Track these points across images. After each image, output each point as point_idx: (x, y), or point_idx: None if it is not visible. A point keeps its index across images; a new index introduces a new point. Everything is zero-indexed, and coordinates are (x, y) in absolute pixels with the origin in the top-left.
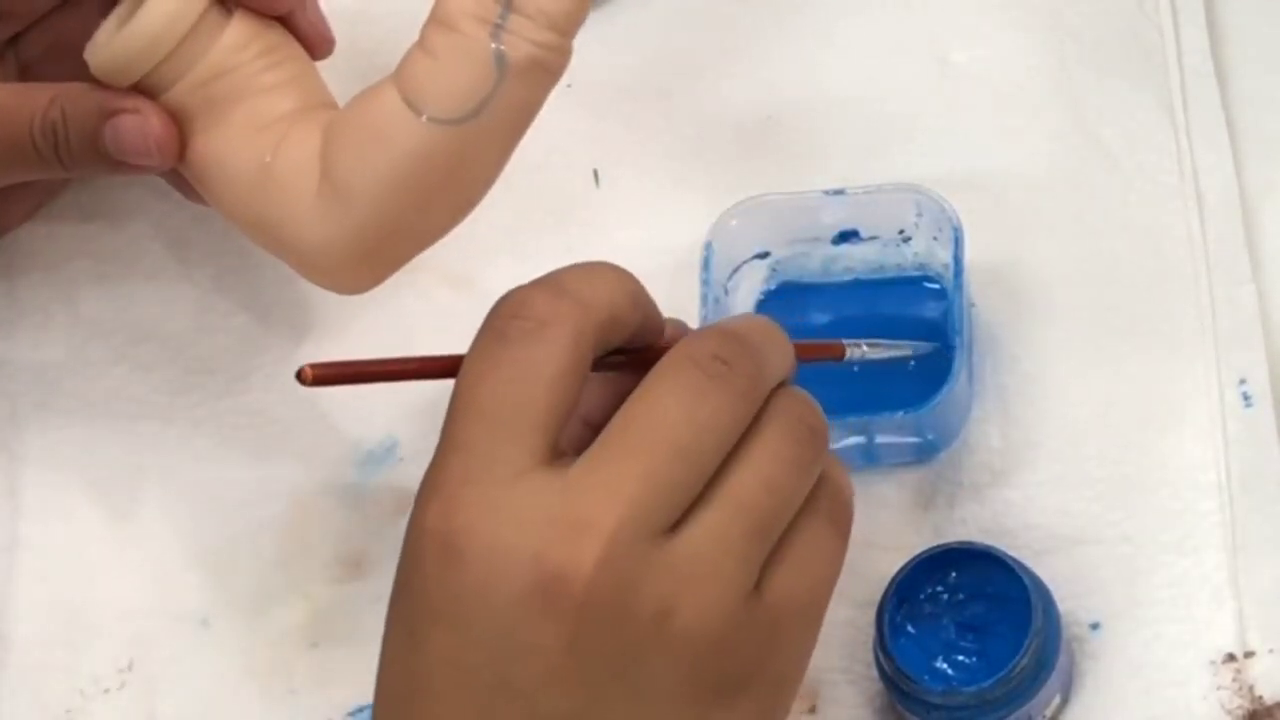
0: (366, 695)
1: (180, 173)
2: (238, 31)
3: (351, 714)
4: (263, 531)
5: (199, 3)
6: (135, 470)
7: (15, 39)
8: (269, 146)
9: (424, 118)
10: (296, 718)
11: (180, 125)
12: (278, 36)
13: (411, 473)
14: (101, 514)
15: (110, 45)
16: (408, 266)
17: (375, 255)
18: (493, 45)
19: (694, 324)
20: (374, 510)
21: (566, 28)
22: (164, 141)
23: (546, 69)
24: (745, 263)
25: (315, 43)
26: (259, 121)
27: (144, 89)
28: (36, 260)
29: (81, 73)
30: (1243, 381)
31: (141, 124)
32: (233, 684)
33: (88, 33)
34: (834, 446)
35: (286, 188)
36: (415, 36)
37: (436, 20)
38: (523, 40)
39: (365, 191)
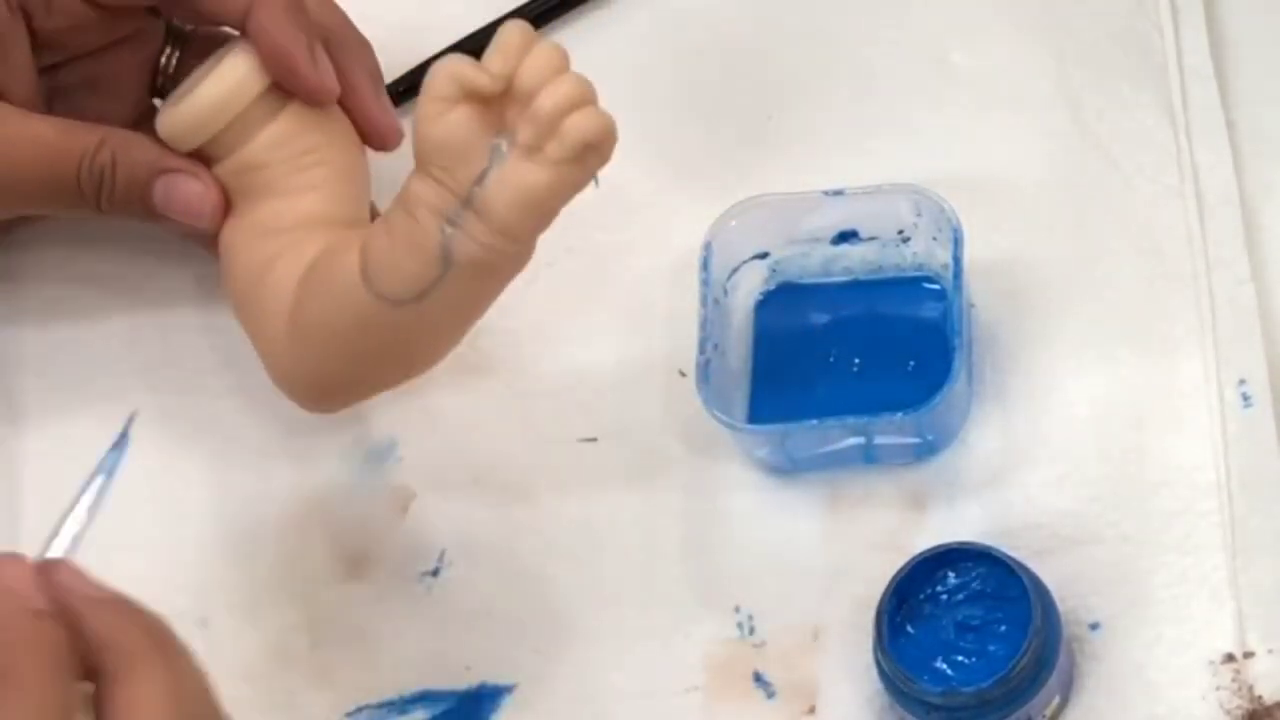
0: (366, 695)
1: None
2: (284, 125)
3: (351, 714)
4: (263, 531)
5: (255, 85)
6: (134, 470)
7: (55, 67)
8: (270, 256)
9: (371, 292)
10: (296, 718)
11: None
12: (323, 137)
13: (411, 473)
14: (101, 514)
15: (172, 111)
16: None
17: (330, 393)
18: (441, 239)
19: (693, 324)
20: (374, 510)
21: (519, 235)
22: (218, 208)
23: (493, 271)
24: (744, 263)
25: (376, 134)
26: (272, 225)
27: (197, 158)
28: (36, 258)
29: (108, 111)
30: (1242, 381)
31: (202, 188)
32: (232, 684)
33: (124, 73)
34: (834, 447)
35: (267, 308)
36: (415, 39)
37: (401, 200)
38: (471, 240)
39: (319, 343)
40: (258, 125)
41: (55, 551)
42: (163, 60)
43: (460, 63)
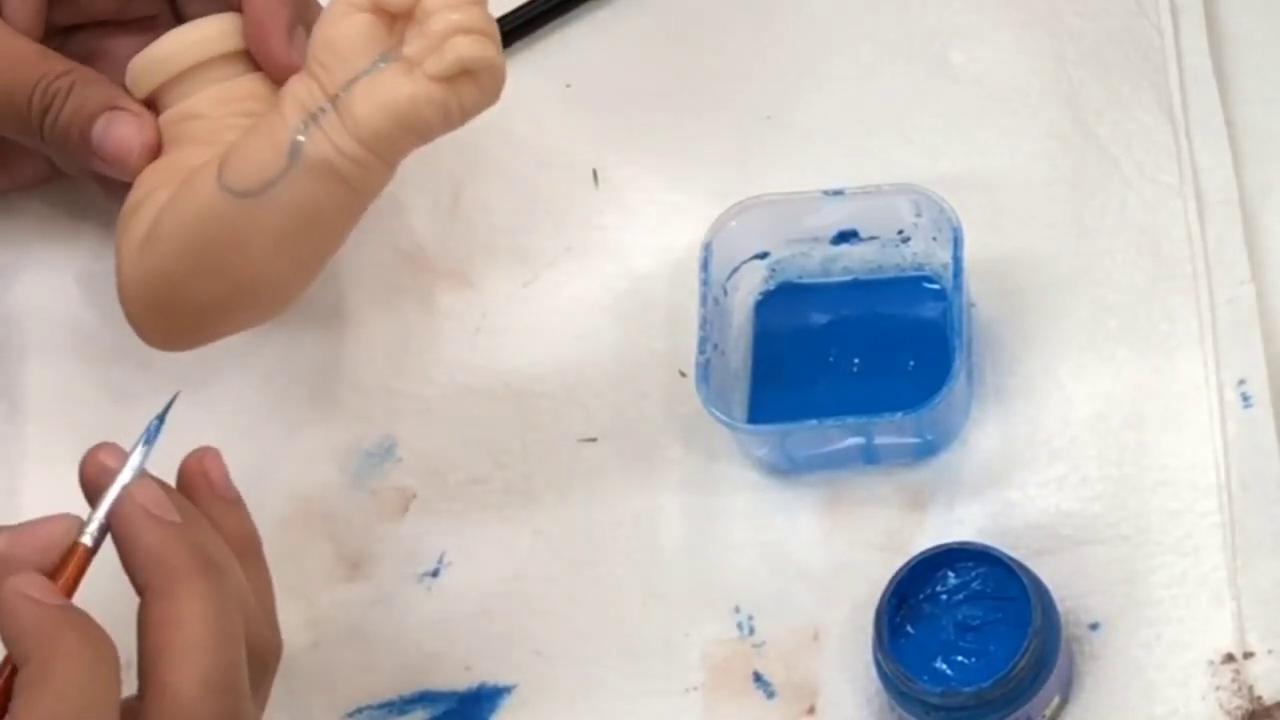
0: (366, 695)
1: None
2: (237, 88)
3: (351, 714)
4: (263, 531)
5: (219, 45)
6: None
7: (64, 34)
8: (156, 186)
9: (220, 184)
10: (296, 718)
11: None
12: (266, 105)
13: (411, 473)
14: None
15: (137, 56)
16: (408, 267)
17: (163, 306)
18: (294, 133)
19: (693, 324)
20: (374, 510)
21: (376, 146)
22: (144, 152)
23: (342, 178)
24: (744, 263)
25: (279, 71)
26: (181, 165)
27: (149, 105)
28: (37, 258)
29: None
30: (1242, 382)
31: (139, 127)
32: None
33: (127, 56)
34: (834, 447)
35: (134, 227)
36: None
37: (277, 97)
38: (325, 139)
39: (162, 238)
40: (214, 82)
41: (118, 486)
42: None
43: None
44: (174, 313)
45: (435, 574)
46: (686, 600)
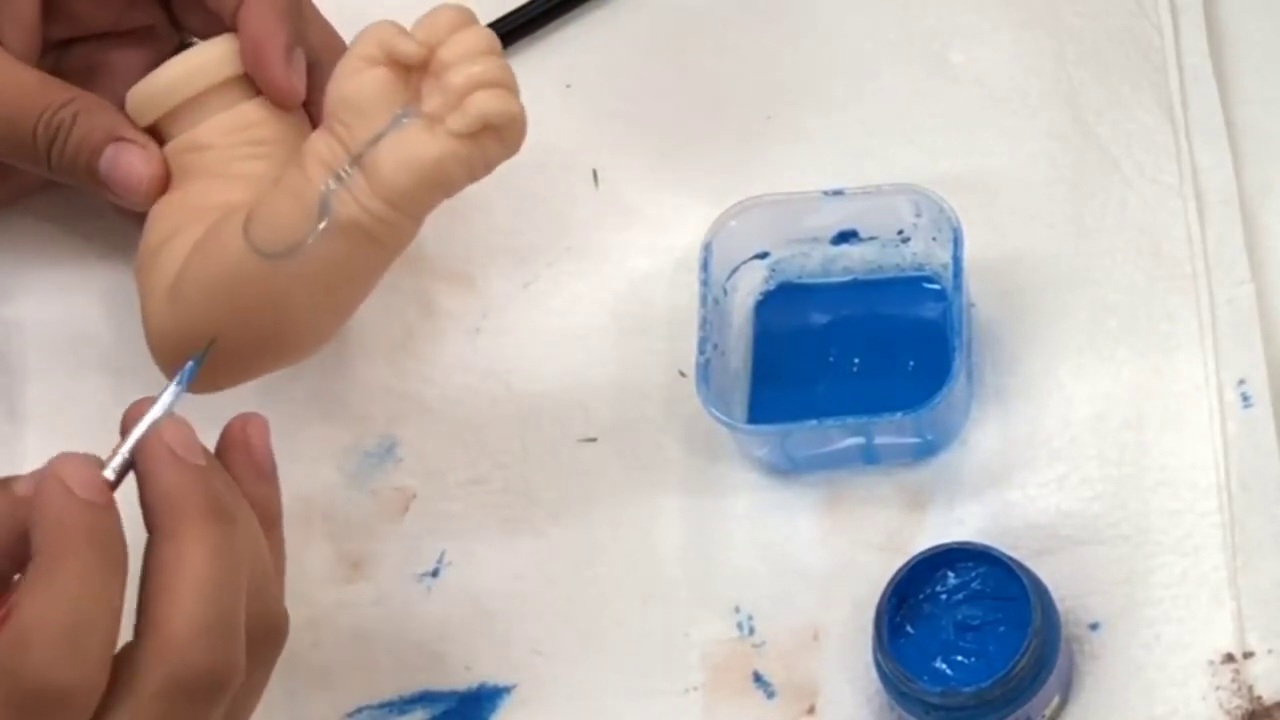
0: (366, 695)
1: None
2: (242, 115)
3: (351, 714)
4: None
5: (219, 71)
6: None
7: (62, 47)
8: (179, 226)
9: (248, 244)
10: (296, 718)
11: None
12: (276, 137)
13: (411, 473)
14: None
15: (139, 84)
16: (408, 267)
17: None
18: (322, 193)
19: (693, 324)
20: (374, 510)
21: (402, 205)
22: (154, 184)
23: (370, 236)
24: (744, 263)
25: (279, 94)
26: (197, 204)
27: (153, 133)
28: (37, 258)
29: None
30: (1242, 382)
31: (145, 159)
32: None
33: (127, 67)
34: (834, 447)
35: (158, 273)
36: None
37: (299, 153)
38: (352, 199)
39: (188, 291)
40: (216, 109)
41: (145, 423)
42: None
43: (389, 28)
44: (207, 364)
45: (435, 574)
46: (686, 600)
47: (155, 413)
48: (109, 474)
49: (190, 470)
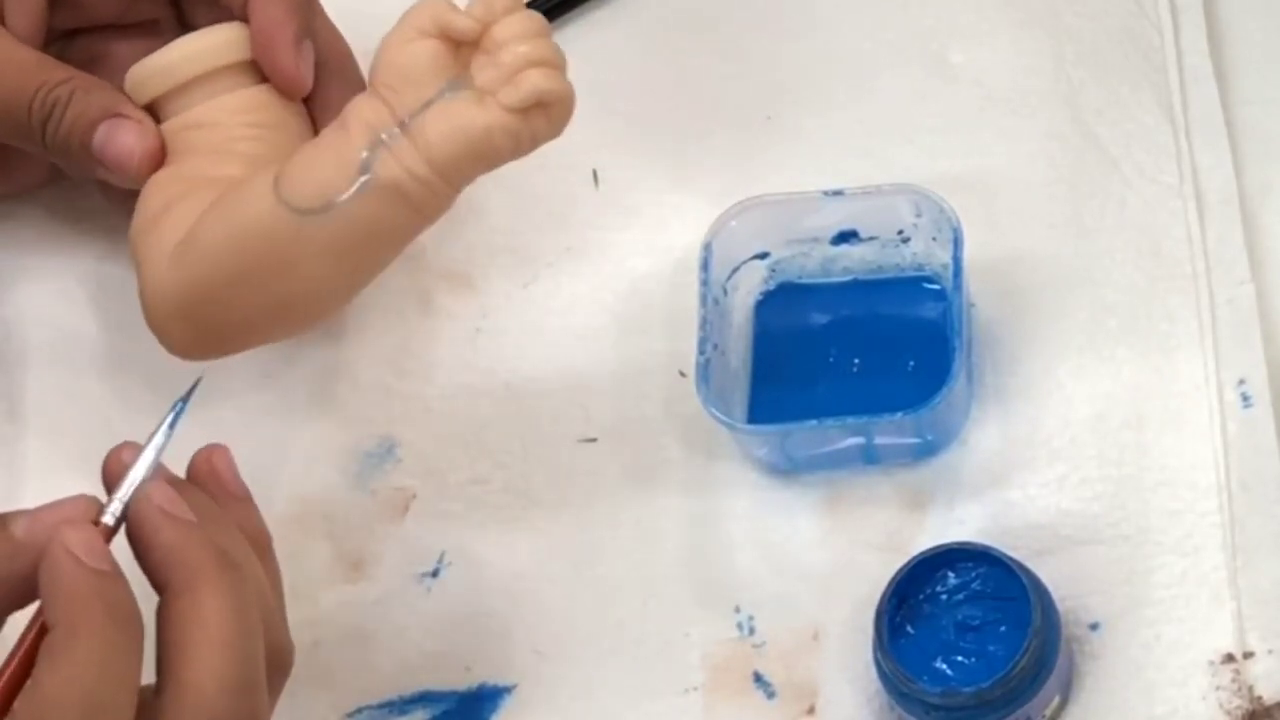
0: (366, 695)
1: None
2: (245, 98)
3: (351, 714)
4: None
5: (226, 55)
6: None
7: (67, 38)
8: (179, 195)
9: (278, 199)
10: (296, 718)
11: None
12: (277, 123)
13: (411, 473)
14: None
15: (139, 64)
16: (408, 267)
17: (197, 316)
18: (364, 154)
19: (693, 324)
20: (374, 510)
21: (446, 172)
22: (147, 159)
23: (409, 200)
24: (744, 263)
25: (287, 82)
26: (193, 174)
27: (150, 111)
28: (37, 259)
29: None
30: (1242, 382)
31: (140, 134)
32: None
33: (132, 61)
34: (834, 447)
35: (159, 240)
36: None
37: (339, 116)
38: (395, 161)
39: (203, 247)
40: (219, 93)
41: (140, 468)
42: None
43: (443, 4)
44: (206, 322)
45: (435, 574)
46: (686, 600)
47: (149, 455)
48: (108, 519)
49: (187, 525)
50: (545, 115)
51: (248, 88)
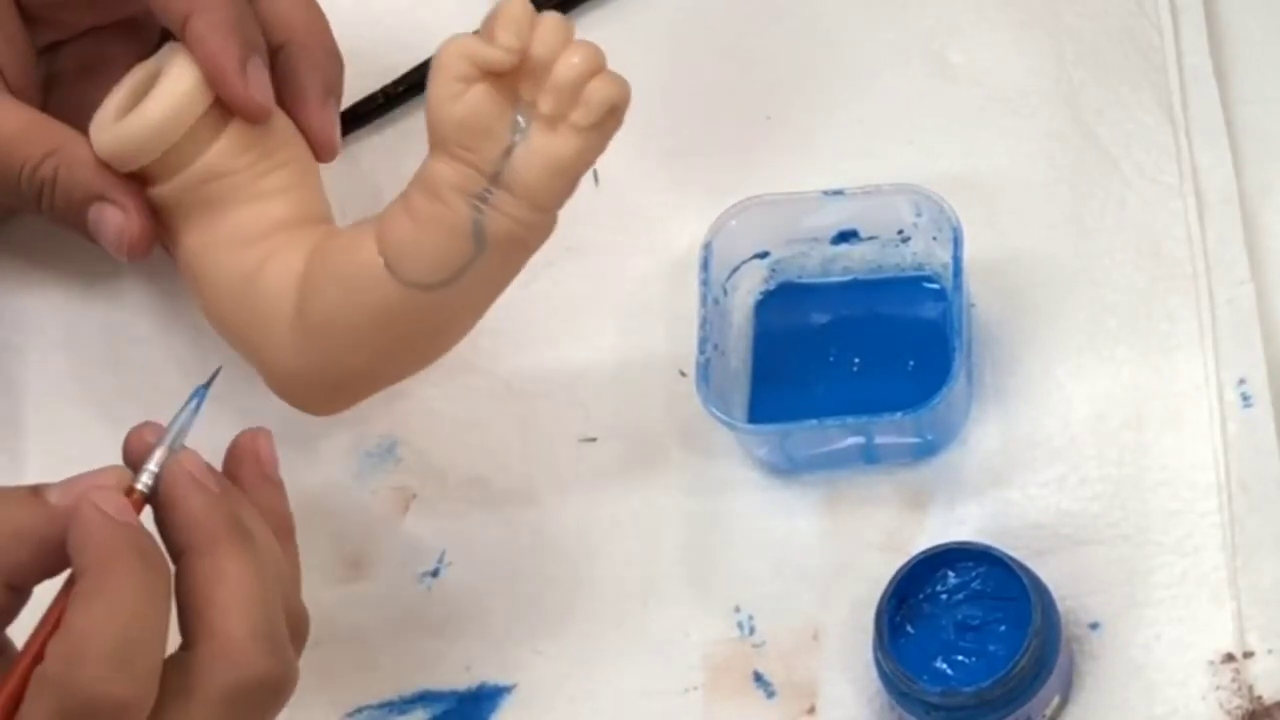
0: (366, 695)
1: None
2: (238, 133)
3: (351, 714)
4: None
5: (202, 101)
6: None
7: (52, 49)
8: (255, 262)
9: (399, 279)
10: (296, 718)
11: (172, 219)
12: (279, 139)
13: (411, 473)
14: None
15: (114, 131)
16: None
17: (341, 390)
18: (473, 218)
19: (693, 324)
20: (374, 510)
21: (548, 205)
22: (136, 244)
23: (524, 242)
24: (744, 263)
25: (318, 145)
26: (248, 232)
27: (141, 177)
28: (37, 260)
29: (104, 98)
30: (1242, 382)
31: (122, 221)
32: None
33: (120, 59)
34: (834, 447)
35: (265, 310)
36: (415, 37)
37: (422, 184)
38: (503, 216)
39: (336, 337)
40: (209, 137)
41: (169, 439)
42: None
43: (470, 40)
44: (351, 393)
45: (435, 574)
46: (686, 600)
47: (176, 429)
48: (142, 486)
49: (212, 495)
50: (615, 117)
51: (231, 124)
